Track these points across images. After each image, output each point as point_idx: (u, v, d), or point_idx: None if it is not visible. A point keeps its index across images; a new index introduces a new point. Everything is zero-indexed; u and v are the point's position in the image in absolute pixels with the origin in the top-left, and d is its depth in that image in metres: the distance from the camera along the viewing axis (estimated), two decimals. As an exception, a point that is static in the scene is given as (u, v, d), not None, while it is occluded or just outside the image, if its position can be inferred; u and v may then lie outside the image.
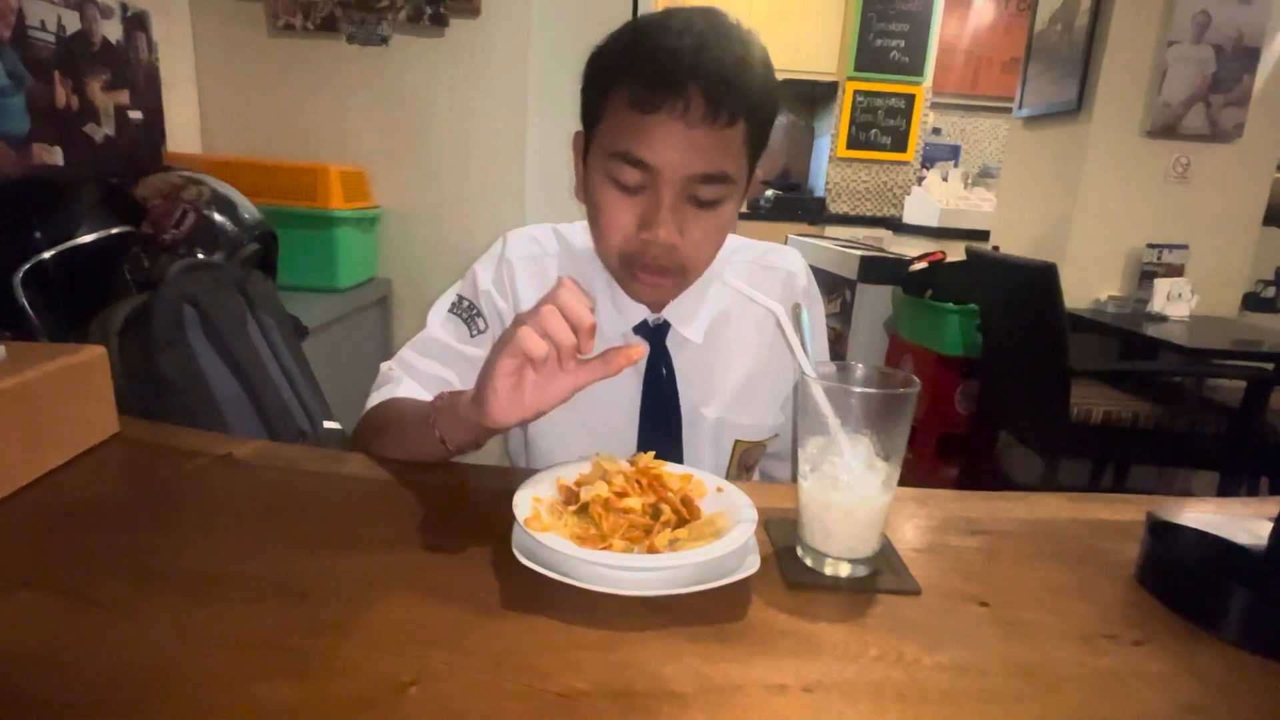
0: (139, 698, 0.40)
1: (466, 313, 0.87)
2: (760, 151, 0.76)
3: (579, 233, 0.90)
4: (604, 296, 0.85)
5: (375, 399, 0.83)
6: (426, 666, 0.43)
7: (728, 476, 0.89)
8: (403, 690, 0.41)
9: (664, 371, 0.86)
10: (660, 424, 0.86)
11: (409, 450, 0.73)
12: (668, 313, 0.86)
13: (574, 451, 0.68)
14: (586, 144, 0.77)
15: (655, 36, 0.68)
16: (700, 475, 0.62)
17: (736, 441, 0.90)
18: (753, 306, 0.87)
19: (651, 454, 0.62)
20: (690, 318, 0.86)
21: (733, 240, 0.89)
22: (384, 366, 0.87)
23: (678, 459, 0.87)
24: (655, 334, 0.86)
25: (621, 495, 0.56)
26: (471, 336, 0.86)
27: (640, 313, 0.85)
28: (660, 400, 0.86)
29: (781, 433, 0.94)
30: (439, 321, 0.87)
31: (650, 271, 0.75)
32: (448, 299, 0.89)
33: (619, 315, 0.85)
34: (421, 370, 0.85)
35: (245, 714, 0.40)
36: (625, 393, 0.86)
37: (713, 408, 0.88)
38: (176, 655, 0.44)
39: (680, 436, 0.87)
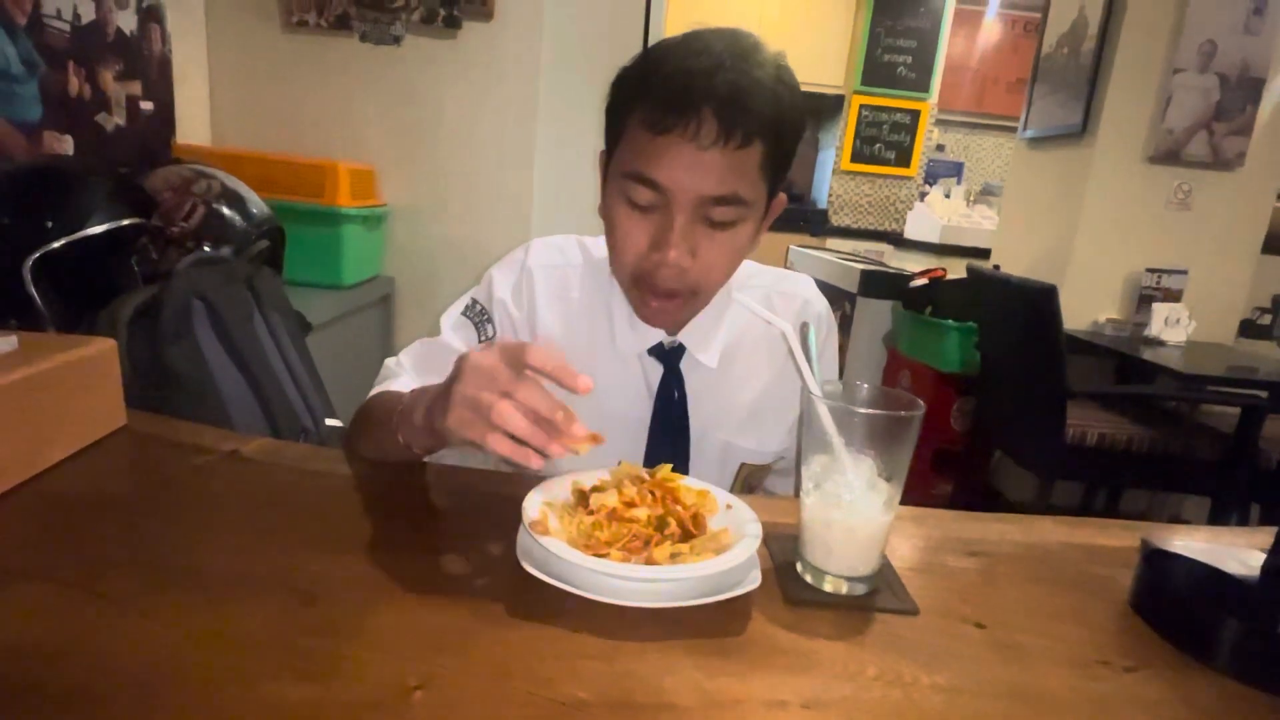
0: (144, 693, 0.41)
1: (478, 317, 0.87)
2: (782, 174, 0.75)
3: (604, 246, 0.88)
4: (622, 314, 0.85)
5: (371, 393, 0.83)
6: (432, 671, 0.44)
7: None
8: (408, 694, 0.42)
9: (676, 395, 0.85)
10: (668, 445, 0.86)
11: (376, 447, 0.72)
12: (683, 336, 0.85)
13: (577, 468, 0.66)
14: (607, 163, 0.78)
15: (673, 59, 0.69)
16: (716, 493, 0.63)
17: (742, 464, 0.90)
18: (767, 331, 0.88)
19: (669, 466, 0.63)
20: (705, 342, 0.86)
21: (747, 265, 0.88)
22: (389, 361, 0.87)
23: None
24: (669, 356, 0.85)
25: (630, 505, 0.57)
26: (479, 341, 0.86)
27: (656, 335, 0.85)
28: (670, 422, 0.86)
29: (787, 454, 0.94)
30: (450, 324, 0.87)
31: (659, 296, 0.75)
32: (463, 302, 0.89)
33: (635, 335, 0.85)
34: (421, 369, 0.84)
35: (251, 713, 0.40)
36: (635, 413, 0.86)
37: (722, 431, 0.88)
38: (182, 652, 0.44)
39: (687, 458, 0.87)
